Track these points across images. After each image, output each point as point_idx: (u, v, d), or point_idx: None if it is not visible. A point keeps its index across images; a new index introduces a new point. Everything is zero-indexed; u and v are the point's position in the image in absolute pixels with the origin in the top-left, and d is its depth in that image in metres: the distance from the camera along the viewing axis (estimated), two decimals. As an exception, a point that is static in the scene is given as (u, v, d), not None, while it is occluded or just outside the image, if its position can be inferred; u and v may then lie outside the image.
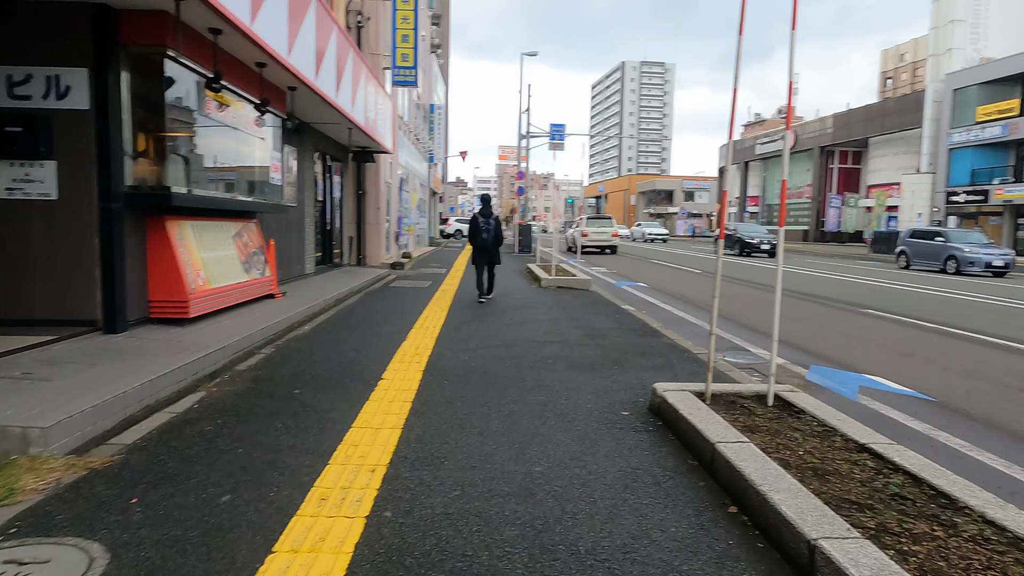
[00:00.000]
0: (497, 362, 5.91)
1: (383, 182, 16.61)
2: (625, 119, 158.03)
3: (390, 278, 13.73)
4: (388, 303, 9.81)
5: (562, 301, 10.65)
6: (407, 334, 7.16)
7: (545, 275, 13.48)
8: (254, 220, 8.18)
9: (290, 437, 3.76)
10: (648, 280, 16.62)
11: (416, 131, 24.83)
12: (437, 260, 20.56)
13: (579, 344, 6.96)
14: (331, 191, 13.28)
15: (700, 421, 3.69)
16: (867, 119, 44.09)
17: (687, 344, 7.33)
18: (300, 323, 7.49)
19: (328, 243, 13.22)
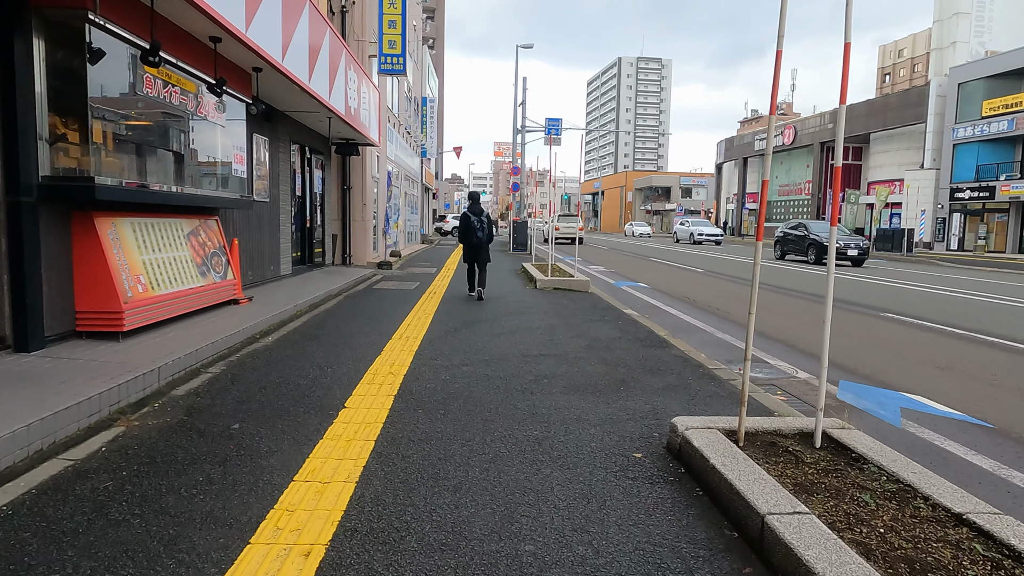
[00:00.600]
0: (483, 383, 5.06)
1: (370, 176, 15.73)
2: (622, 115, 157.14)
3: (375, 279, 12.87)
4: (368, 308, 8.95)
5: (559, 305, 9.81)
6: (383, 347, 6.30)
7: (541, 275, 12.64)
8: (214, 217, 7.31)
9: (209, 498, 2.91)
10: (649, 280, 15.79)
11: (407, 124, 23.94)
12: (428, 259, 19.69)
13: (578, 358, 6.11)
14: (311, 185, 12.41)
15: (739, 477, 2.85)
16: (868, 114, 43.30)
17: (700, 357, 6.49)
18: (263, 333, 6.63)
19: (308, 242, 12.35)
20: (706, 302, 11.84)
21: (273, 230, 10.01)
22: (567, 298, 10.73)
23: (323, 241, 13.37)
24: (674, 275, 17.61)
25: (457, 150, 46.95)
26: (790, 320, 9.73)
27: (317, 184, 12.94)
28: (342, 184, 14.98)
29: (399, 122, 21.18)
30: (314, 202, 12.69)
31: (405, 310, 8.86)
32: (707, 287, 14.50)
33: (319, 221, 13.06)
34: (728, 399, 4.92)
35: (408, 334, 7.02)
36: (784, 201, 55.64)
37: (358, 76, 11.61)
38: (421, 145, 29.06)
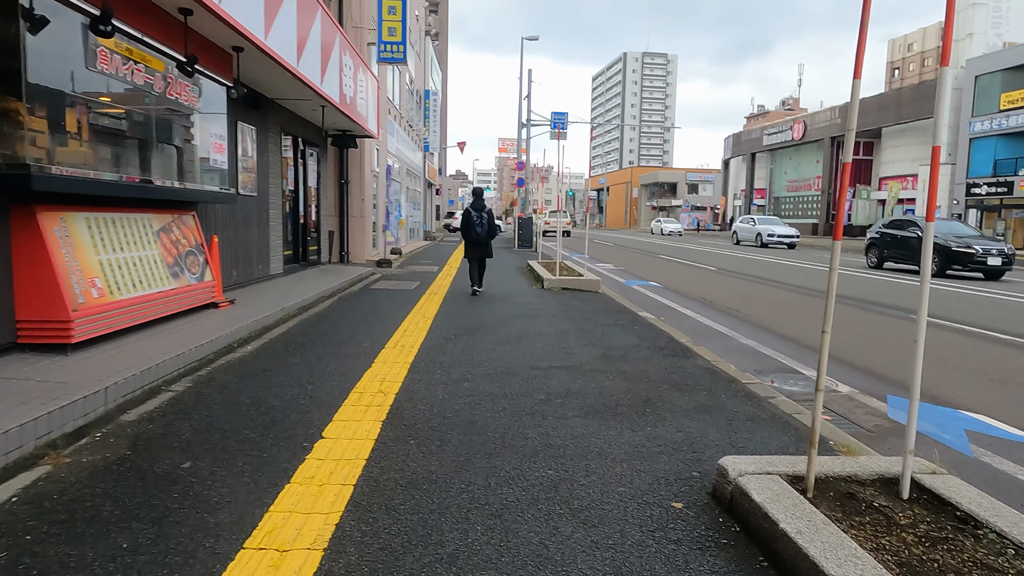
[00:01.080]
0: (487, 404, 4.36)
1: (369, 170, 15.03)
2: (627, 111, 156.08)
3: (373, 278, 12.18)
4: (362, 312, 8.27)
5: (569, 307, 9.12)
6: (376, 357, 5.61)
7: (548, 275, 11.93)
8: (191, 212, 6.63)
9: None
10: (660, 279, 15.08)
11: (409, 118, 23.23)
12: (430, 256, 19.00)
13: (594, 371, 5.42)
14: (305, 179, 11.73)
15: (824, 553, 2.16)
16: (880, 108, 42.39)
17: (729, 369, 5.79)
18: (242, 342, 5.95)
19: (302, 238, 11.67)
20: (723, 303, 11.14)
21: (262, 226, 9.33)
22: (577, 299, 10.03)
23: (318, 238, 12.69)
24: (686, 273, 16.89)
25: (461, 145, 46.19)
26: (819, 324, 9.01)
27: (312, 178, 12.26)
28: (339, 178, 14.29)
29: (400, 115, 20.48)
30: (308, 197, 12.02)
31: (403, 313, 8.17)
32: (722, 287, 13.78)
33: (314, 217, 12.39)
34: (772, 423, 4.22)
35: (404, 342, 6.33)
36: (793, 197, 54.77)
37: (354, 63, 10.92)
38: (424, 139, 28.35)
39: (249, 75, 8.01)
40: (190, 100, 6.17)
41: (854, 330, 8.67)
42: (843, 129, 35.82)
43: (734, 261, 21.51)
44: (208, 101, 6.68)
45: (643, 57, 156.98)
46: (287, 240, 10.80)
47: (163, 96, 5.67)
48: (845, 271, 18.18)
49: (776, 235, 31.92)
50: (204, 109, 6.52)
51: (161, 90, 5.57)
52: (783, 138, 53.16)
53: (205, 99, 6.61)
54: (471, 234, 10.11)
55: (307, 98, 9.36)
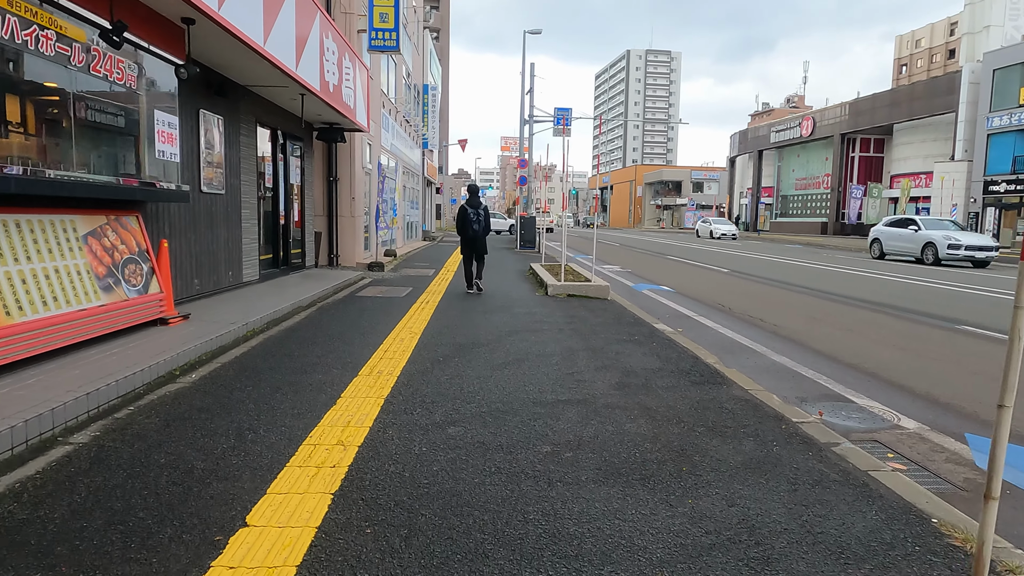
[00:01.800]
0: (476, 461, 3.36)
1: (360, 167, 14.04)
2: (630, 109, 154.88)
3: (362, 284, 11.18)
4: (341, 326, 7.27)
5: (576, 319, 8.11)
6: (344, 389, 4.62)
7: (552, 280, 10.92)
8: (134, 213, 5.64)
9: None
10: (671, 282, 14.06)
11: (406, 113, 22.23)
12: (426, 258, 18.00)
13: (611, 406, 4.42)
14: (287, 176, 10.74)
15: None
16: (892, 104, 41.28)
17: (772, 401, 4.80)
18: (187, 368, 4.96)
19: (283, 241, 10.68)
20: (743, 310, 10.15)
21: (232, 228, 8.33)
22: (585, 308, 9.03)
23: (303, 240, 11.70)
24: (698, 276, 15.87)
25: (462, 143, 45.21)
26: (859, 338, 7.98)
27: (294, 174, 11.26)
28: (328, 175, 13.30)
29: (396, 109, 19.49)
30: (291, 195, 11.03)
31: (387, 327, 7.18)
32: (739, 291, 12.76)
33: (297, 217, 11.40)
34: (847, 489, 3.22)
35: (382, 366, 5.33)
36: (801, 195, 53.67)
37: (339, 48, 9.92)
38: (423, 136, 27.35)
39: (211, 56, 7.02)
40: (127, 79, 5.17)
41: (899, 344, 7.65)
42: (854, 125, 34.85)
43: (746, 263, 20.47)
44: (154, 82, 5.69)
45: (646, 54, 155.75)
46: (265, 243, 9.81)
47: (85, 71, 4.67)
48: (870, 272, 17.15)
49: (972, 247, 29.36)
50: (148, 91, 5.53)
51: (82, 64, 4.58)
52: (791, 135, 52.04)
53: (150, 80, 5.62)
54: (468, 231, 10.03)
55: (283, 85, 8.37)
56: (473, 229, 9.99)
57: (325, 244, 13.40)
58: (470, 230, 9.99)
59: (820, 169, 50.60)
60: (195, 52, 6.81)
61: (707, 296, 11.99)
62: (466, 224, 10.00)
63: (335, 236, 13.47)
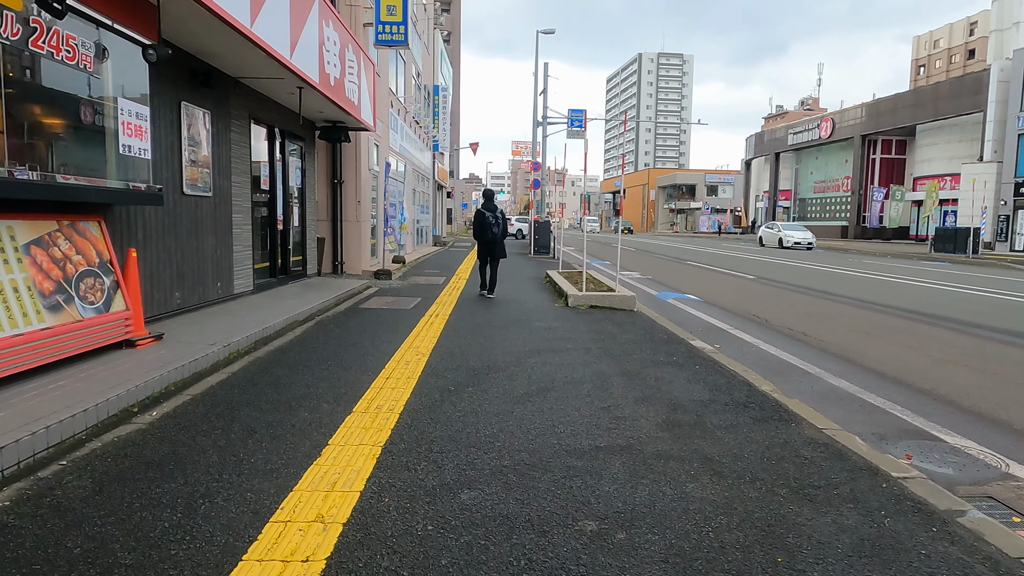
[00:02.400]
0: (499, 548, 2.50)
1: (366, 169, 13.25)
2: (642, 112, 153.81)
3: (367, 293, 10.36)
4: (338, 345, 6.43)
5: (603, 334, 7.24)
6: (334, 432, 3.77)
7: (573, 289, 10.05)
8: (94, 218, 4.84)
9: None
10: (696, 290, 13.14)
11: (416, 113, 21.47)
12: (437, 265, 17.17)
13: (663, 457, 3.55)
14: (286, 178, 9.95)
15: None
16: (916, 104, 40.14)
17: (856, 444, 3.92)
18: (148, 403, 4.14)
19: (281, 248, 9.88)
20: (781, 322, 9.26)
21: (221, 234, 7.53)
22: (611, 322, 8.15)
23: (303, 246, 10.90)
24: (724, 283, 14.94)
25: (474, 146, 44.46)
26: (919, 355, 7.05)
27: (295, 176, 10.47)
28: (332, 177, 12.52)
29: (406, 109, 18.72)
30: (290, 198, 10.23)
31: (391, 346, 6.34)
32: (770, 300, 11.85)
33: (297, 222, 10.59)
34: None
35: (382, 399, 4.48)
36: (820, 198, 52.53)
37: (342, 39, 9.12)
38: (433, 138, 26.59)
39: (193, 41, 6.23)
40: (81, 60, 4.37)
41: (970, 364, 6.72)
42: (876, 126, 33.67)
43: (770, 268, 19.48)
44: (120, 66, 4.89)
45: (658, 57, 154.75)
46: (260, 250, 9.01)
47: (22, 47, 3.87)
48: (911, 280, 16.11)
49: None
50: (110, 76, 4.73)
51: (17, 37, 3.78)
52: (809, 137, 50.94)
53: (115, 63, 4.82)
54: (486, 235, 10.00)
55: (278, 76, 7.57)
56: (493, 232, 9.96)
57: (329, 251, 12.61)
58: (488, 234, 9.97)
59: (839, 171, 49.46)
60: (174, 36, 6.02)
61: (738, 306, 11.08)
62: (484, 228, 9.99)
63: (340, 242, 12.68)
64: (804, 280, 15.96)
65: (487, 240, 10.01)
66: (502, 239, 10.14)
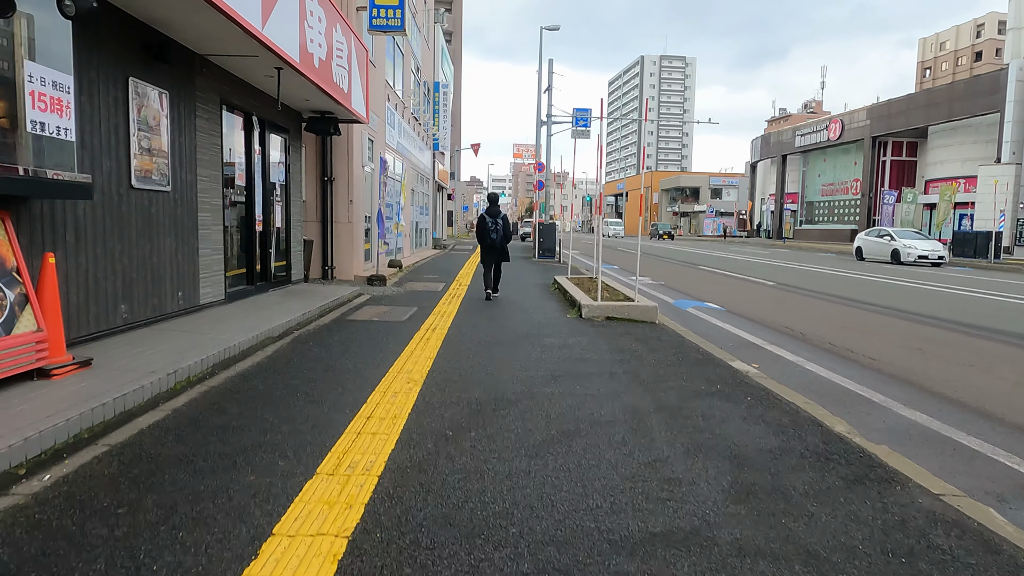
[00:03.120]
0: None
1: (359, 165, 12.22)
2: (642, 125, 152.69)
3: (357, 302, 9.32)
4: (314, 370, 5.38)
5: (626, 353, 6.20)
6: (285, 511, 2.73)
7: (586, 298, 9.00)
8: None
9: None
10: (716, 298, 12.09)
11: (415, 110, 20.45)
12: (436, 269, 16.13)
13: (741, 551, 2.51)
14: (266, 173, 8.90)
15: None
16: (928, 104, 39.09)
17: (995, 523, 2.88)
18: (44, 461, 3.11)
19: (260, 251, 8.83)
20: (818, 336, 8.26)
21: (184, 235, 6.48)
22: (633, 337, 7.11)
23: (288, 250, 9.85)
24: (742, 290, 13.90)
25: (475, 147, 43.46)
26: (996, 379, 5.99)
27: (277, 172, 9.43)
28: (322, 175, 11.49)
29: (403, 104, 17.69)
30: (272, 196, 9.19)
31: (377, 370, 5.30)
32: (798, 309, 10.86)
33: (280, 223, 9.55)
34: None
35: (358, 452, 3.43)
36: (827, 201, 51.46)
37: (328, 15, 8.09)
38: (433, 137, 25.57)
39: (139, 4, 5.19)
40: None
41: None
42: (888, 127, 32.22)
43: (789, 274, 18.42)
44: (40, 27, 3.86)
45: (660, 60, 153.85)
46: (235, 254, 7.96)
47: None
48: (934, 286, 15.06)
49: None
50: (24, 34, 3.70)
51: None
52: (818, 139, 49.88)
53: (32, 21, 3.79)
54: (486, 239, 10.30)
55: (252, 54, 6.53)
56: (491, 238, 10.24)
57: (318, 254, 11.57)
58: (488, 238, 10.27)
59: (848, 174, 48.40)
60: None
61: (765, 316, 10.06)
62: (485, 232, 10.31)
63: (330, 245, 11.64)
64: (825, 286, 14.92)
65: (487, 244, 10.32)
66: (503, 243, 10.35)
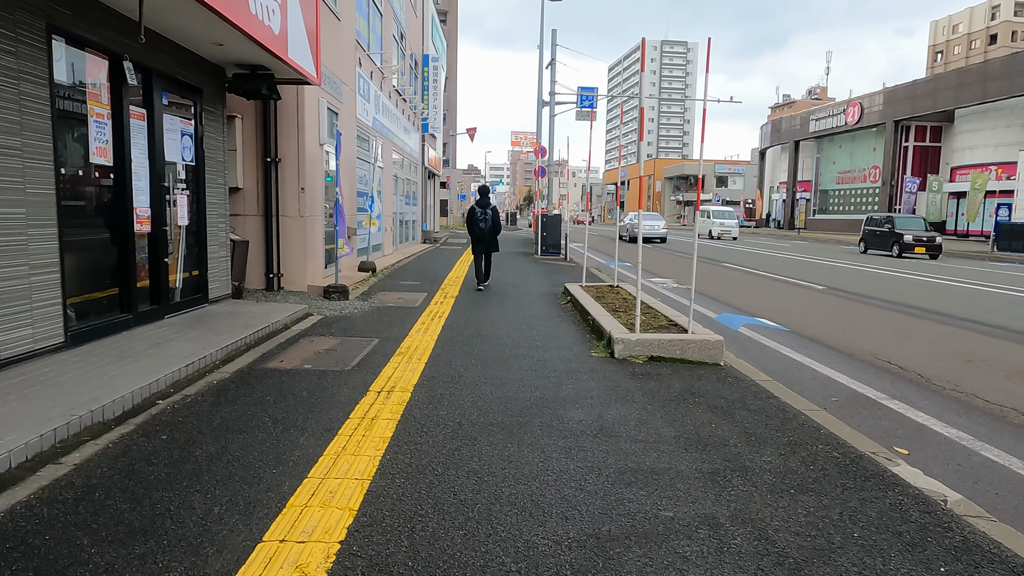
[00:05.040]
0: None
1: (315, 143, 9.52)
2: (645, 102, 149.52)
3: (294, 332, 6.67)
4: (152, 504, 2.71)
5: (711, 447, 3.56)
6: None
7: (618, 326, 6.32)
8: None
9: None
10: (768, 310, 9.43)
11: (401, 87, 17.68)
12: (420, 272, 13.42)
13: None
14: (155, 146, 6.15)
15: None
16: (959, 85, 36.32)
17: None
18: None
19: (150, 261, 6.14)
20: (946, 377, 5.79)
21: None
22: (705, 402, 4.46)
23: (203, 256, 7.15)
24: (791, 298, 11.28)
25: (471, 131, 40.63)
26: None
27: (181, 147, 6.72)
28: (264, 154, 8.81)
29: (382, 74, 14.93)
30: (169, 182, 6.48)
31: (271, 502, 2.63)
32: (877, 326, 8.42)
33: (186, 219, 6.83)
34: None
35: None
36: (843, 190, 48.77)
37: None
38: (423, 119, 22.79)
39: None
40: None
41: None
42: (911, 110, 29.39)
43: (825, 272, 15.74)
44: None
45: (662, 45, 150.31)
46: (87, 270, 5.28)
47: None
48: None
49: None
50: None
51: None
52: (834, 123, 47.13)
53: None
54: (475, 229, 10.52)
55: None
56: (480, 228, 10.45)
57: (259, 259, 8.91)
58: (476, 228, 10.48)
59: (866, 161, 45.70)
60: None
61: (843, 339, 7.58)
62: (473, 223, 10.55)
63: (275, 247, 8.97)
64: (886, 290, 12.30)
65: (476, 234, 10.52)
66: (492, 234, 10.56)
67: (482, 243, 10.50)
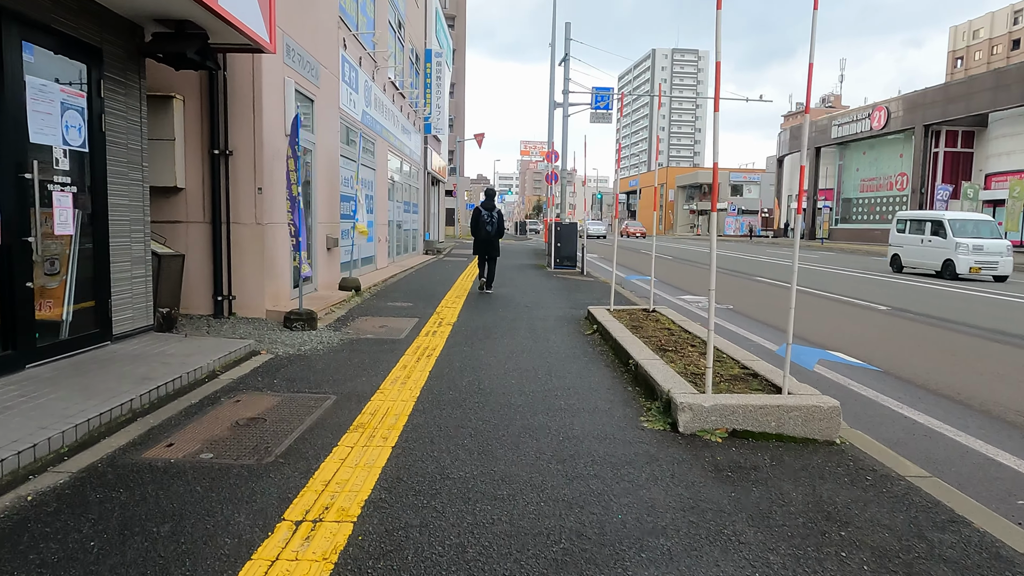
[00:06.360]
0: None
1: (276, 132, 7.66)
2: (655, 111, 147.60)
3: (224, 383, 4.78)
4: None
5: None
6: None
7: (682, 386, 4.38)
8: None
9: None
10: (838, 340, 7.40)
11: (399, 83, 15.86)
12: (414, 291, 11.48)
13: None
14: (15, 121, 4.31)
15: None
16: (996, 87, 34.23)
17: None
18: None
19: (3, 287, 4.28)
20: None
21: None
22: (850, 529, 2.49)
23: (104, 278, 5.27)
24: (855, 322, 9.30)
25: (479, 137, 38.82)
26: None
27: (68, 125, 4.84)
28: (211, 145, 6.96)
29: (375, 62, 13.09)
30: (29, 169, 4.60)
31: None
32: (978, 361, 6.37)
33: (71, 228, 4.93)
34: None
35: None
36: (867, 198, 46.64)
37: None
38: (425, 119, 20.98)
39: None
40: None
41: None
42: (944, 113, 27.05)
43: (874, 288, 13.71)
44: None
45: (672, 54, 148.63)
46: None
47: None
48: None
49: None
50: None
51: None
52: (859, 128, 45.04)
53: None
54: (481, 231, 10.64)
55: None
56: (486, 230, 10.58)
57: (205, 277, 7.05)
58: (483, 231, 10.60)
59: (893, 168, 43.57)
60: None
61: (946, 382, 5.71)
62: (479, 225, 10.64)
63: (225, 261, 7.10)
64: (958, 313, 10.28)
65: (482, 237, 10.60)
66: (496, 237, 10.64)
67: (487, 245, 10.66)
